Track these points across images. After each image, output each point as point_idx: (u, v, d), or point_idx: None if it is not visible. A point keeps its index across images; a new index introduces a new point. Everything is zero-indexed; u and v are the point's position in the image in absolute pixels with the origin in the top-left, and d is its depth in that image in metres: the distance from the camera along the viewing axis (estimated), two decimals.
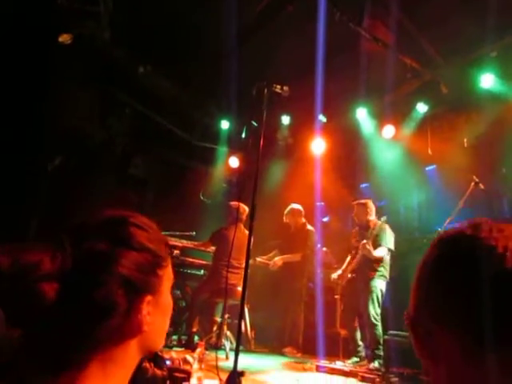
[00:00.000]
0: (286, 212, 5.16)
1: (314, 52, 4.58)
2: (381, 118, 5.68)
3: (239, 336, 2.47)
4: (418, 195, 6.05)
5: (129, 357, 0.66)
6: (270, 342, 4.98)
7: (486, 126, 4.72)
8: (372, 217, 4.44)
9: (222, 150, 6.97)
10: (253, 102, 3.03)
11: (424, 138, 5.42)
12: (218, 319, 4.40)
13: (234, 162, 6.81)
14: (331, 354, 4.38)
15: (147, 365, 1.36)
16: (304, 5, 4.06)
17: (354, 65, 4.75)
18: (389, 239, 4.21)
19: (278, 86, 2.94)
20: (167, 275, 0.73)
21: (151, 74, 5.53)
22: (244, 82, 5.09)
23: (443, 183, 5.51)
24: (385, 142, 5.71)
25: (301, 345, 4.65)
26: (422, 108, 5.32)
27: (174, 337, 4.64)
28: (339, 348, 4.69)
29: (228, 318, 4.34)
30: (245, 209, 4.39)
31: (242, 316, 2.49)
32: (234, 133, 6.73)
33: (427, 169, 5.76)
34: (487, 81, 4.63)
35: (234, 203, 4.72)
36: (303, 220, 5.12)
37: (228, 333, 4.20)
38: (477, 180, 3.90)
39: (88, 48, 4.90)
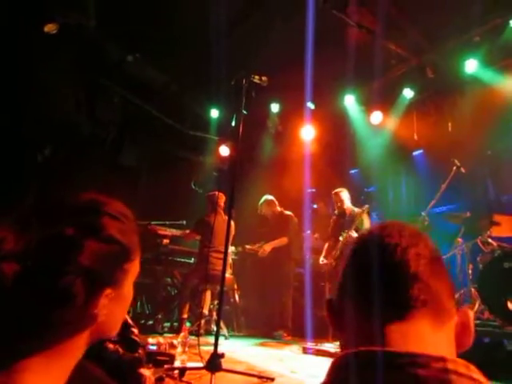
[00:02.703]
0: (260, 204, 5.24)
1: (303, 41, 4.60)
2: (368, 104, 5.73)
3: (219, 318, 2.59)
4: (406, 179, 6.16)
5: (76, 348, 0.64)
6: (260, 327, 5.10)
7: (470, 110, 4.79)
8: (348, 205, 4.57)
9: (213, 138, 7.00)
10: (233, 92, 3.07)
11: (411, 124, 5.49)
12: (209, 306, 4.50)
13: (225, 150, 6.85)
14: (320, 337, 4.50)
15: (111, 346, 1.35)
16: None
17: (341, 52, 4.78)
18: (367, 223, 4.34)
19: (257, 77, 2.98)
20: (134, 268, 0.71)
21: (140, 63, 5.51)
22: (233, 71, 5.12)
23: (430, 167, 5.62)
24: (373, 127, 5.78)
25: (291, 328, 4.78)
26: (408, 93, 5.38)
27: (166, 323, 4.75)
28: (328, 331, 4.82)
29: (217, 304, 4.44)
30: (223, 197, 4.56)
31: (221, 299, 2.59)
32: (224, 121, 6.75)
33: (414, 153, 5.85)
34: (471, 66, 4.69)
35: (212, 193, 4.84)
36: (279, 208, 5.22)
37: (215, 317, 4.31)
38: (458, 164, 3.98)
39: (74, 37, 4.88)
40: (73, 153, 5.08)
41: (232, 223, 4.51)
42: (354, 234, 4.26)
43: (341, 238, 4.35)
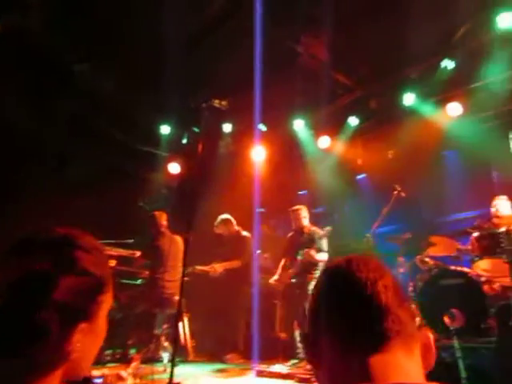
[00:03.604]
0: (216, 223, 5.23)
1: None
2: (317, 129, 6.02)
3: (175, 346, 2.51)
4: (351, 202, 6.49)
5: None
6: (211, 351, 5.00)
7: (409, 140, 5.22)
8: (306, 223, 4.70)
9: (162, 155, 6.89)
10: (192, 113, 3.11)
11: (355, 149, 5.85)
12: (157, 331, 4.33)
13: (175, 167, 6.77)
14: (271, 358, 4.51)
15: None
16: (245, 20, 4.20)
17: (292, 78, 5.01)
18: (327, 246, 4.50)
19: (217, 101, 3.03)
20: (107, 300, 0.72)
21: (88, 72, 5.31)
22: (187, 88, 5.14)
23: (373, 191, 5.98)
24: (321, 151, 6.06)
25: (242, 351, 4.73)
26: (353, 121, 5.74)
27: (108, 351, 4.38)
28: (279, 351, 4.85)
29: (167, 328, 4.30)
30: (163, 215, 4.53)
31: (177, 326, 2.53)
32: (175, 138, 6.70)
33: (358, 177, 6.20)
34: (409, 99, 5.14)
35: (157, 213, 4.77)
36: (236, 228, 5.23)
37: (166, 344, 4.15)
38: (399, 189, 4.30)
39: (18, 41, 4.60)
40: (14, 166, 4.72)
41: (179, 240, 4.48)
42: (315, 255, 4.36)
43: (299, 257, 4.43)
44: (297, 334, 4.40)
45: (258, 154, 6.24)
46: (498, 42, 4.35)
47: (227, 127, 6.46)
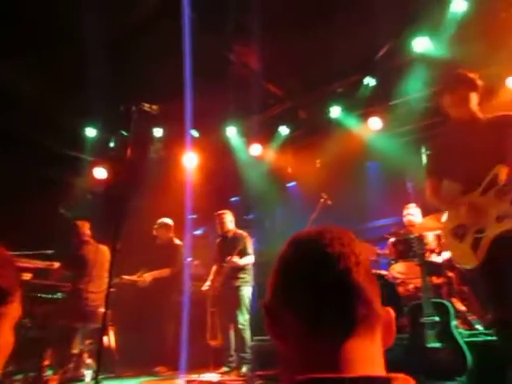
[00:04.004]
0: (157, 225, 5.11)
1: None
2: (249, 136, 6.11)
3: (99, 362, 2.37)
4: (281, 209, 6.67)
5: None
6: (139, 364, 4.78)
7: (335, 150, 5.51)
8: (231, 227, 4.74)
9: (88, 159, 6.51)
10: (120, 116, 3.00)
11: (286, 158, 6.03)
12: (79, 348, 4.03)
13: (100, 172, 6.44)
14: (202, 367, 4.45)
15: None
16: (176, 25, 4.15)
17: (225, 85, 5.04)
18: (251, 248, 4.56)
19: (147, 105, 2.96)
20: (12, 311, 0.67)
21: (6, 70, 4.86)
22: (114, 91, 4.92)
23: (302, 198, 6.21)
24: (253, 159, 6.16)
25: (172, 362, 4.59)
26: (284, 130, 5.92)
27: (18, 376, 3.86)
28: (210, 360, 4.79)
29: (90, 343, 4.03)
30: (86, 224, 4.34)
31: (102, 340, 2.40)
32: (101, 141, 6.37)
33: (288, 185, 6.40)
34: (335, 112, 5.44)
35: (79, 222, 4.54)
36: (171, 235, 5.14)
37: (89, 361, 3.90)
38: (325, 196, 4.51)
39: None
40: None
41: (105, 249, 4.26)
42: (239, 260, 4.39)
43: (224, 264, 4.44)
44: (232, 339, 4.38)
45: (190, 160, 6.17)
46: (415, 63, 4.77)
47: (158, 132, 6.30)
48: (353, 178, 5.59)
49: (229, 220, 4.81)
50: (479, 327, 3.40)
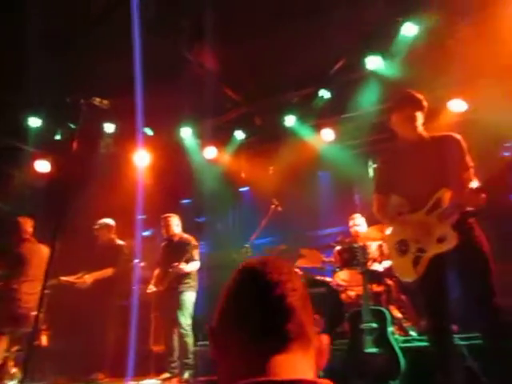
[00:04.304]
0: (97, 225, 4.93)
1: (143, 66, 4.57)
2: (204, 139, 6.05)
3: (26, 371, 2.22)
4: (234, 213, 6.67)
5: None
6: (72, 372, 4.50)
7: (288, 158, 5.61)
8: (177, 231, 4.67)
9: (29, 150, 6.12)
10: (68, 108, 2.86)
11: (240, 162, 6.04)
12: (4, 355, 3.73)
13: (43, 165, 6.08)
14: (144, 373, 4.31)
15: None
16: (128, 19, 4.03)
17: (182, 85, 4.96)
18: (198, 254, 4.51)
19: (98, 99, 2.84)
20: None
21: None
22: (62, 83, 4.68)
23: (254, 203, 6.25)
24: (207, 161, 6.10)
25: (112, 368, 4.39)
26: (239, 135, 5.93)
27: None
28: (152, 365, 4.65)
29: (17, 350, 3.75)
30: (28, 221, 4.10)
31: (32, 346, 2.25)
32: (46, 133, 6.01)
33: (241, 190, 6.41)
34: (290, 121, 5.54)
35: (21, 219, 4.29)
36: (112, 236, 4.98)
37: (15, 370, 3.63)
38: (276, 203, 4.58)
39: None
40: None
41: (44, 248, 4.01)
42: (185, 267, 4.31)
43: (170, 270, 4.34)
44: (175, 345, 4.26)
45: (142, 159, 6.00)
46: (368, 79, 4.98)
47: (109, 127, 6.06)
48: (304, 186, 5.72)
49: (175, 224, 4.71)
50: (413, 333, 3.58)
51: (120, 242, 4.92)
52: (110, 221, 4.98)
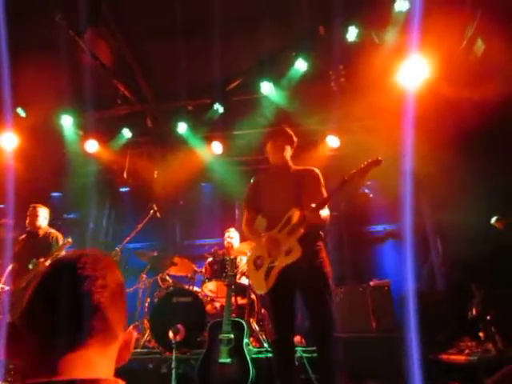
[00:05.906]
0: None
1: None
2: (86, 131, 5.64)
3: None
4: (110, 213, 6.31)
5: None
6: None
7: (174, 165, 5.57)
8: (44, 224, 4.29)
9: None
10: None
11: (123, 162, 5.78)
12: None
13: None
14: None
15: None
16: None
17: (69, 70, 4.59)
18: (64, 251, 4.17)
19: None
20: None
21: None
22: None
23: (134, 206, 6.01)
24: (87, 155, 5.68)
25: None
26: (126, 133, 5.69)
27: None
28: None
29: None
30: None
31: None
32: None
33: (121, 190, 6.12)
34: (182, 128, 5.53)
35: None
36: None
37: None
38: (155, 209, 4.51)
39: None
40: None
41: None
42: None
43: (30, 266, 3.89)
44: None
45: (9, 141, 5.32)
46: (260, 102, 5.27)
47: None
48: (187, 194, 5.74)
49: (43, 216, 4.29)
50: (266, 345, 3.82)
51: None
52: None
